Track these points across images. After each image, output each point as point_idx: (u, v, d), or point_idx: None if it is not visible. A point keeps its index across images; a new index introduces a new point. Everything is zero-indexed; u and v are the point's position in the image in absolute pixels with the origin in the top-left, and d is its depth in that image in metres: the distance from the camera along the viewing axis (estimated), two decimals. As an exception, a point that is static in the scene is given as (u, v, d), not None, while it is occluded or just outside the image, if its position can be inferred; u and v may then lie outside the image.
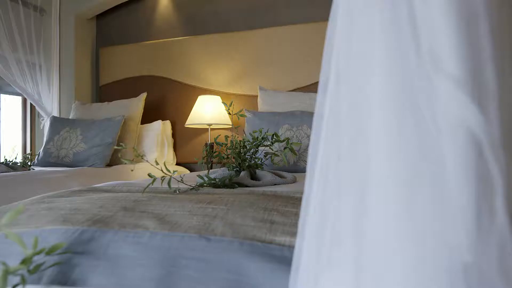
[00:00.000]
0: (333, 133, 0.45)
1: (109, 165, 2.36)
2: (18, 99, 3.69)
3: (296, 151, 1.40)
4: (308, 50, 2.59)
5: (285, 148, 1.38)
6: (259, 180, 1.31)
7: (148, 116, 2.87)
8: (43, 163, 2.33)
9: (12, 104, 3.67)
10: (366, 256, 0.39)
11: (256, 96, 2.57)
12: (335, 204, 0.43)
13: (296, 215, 0.69)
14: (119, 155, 2.36)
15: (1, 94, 3.50)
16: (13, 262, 0.61)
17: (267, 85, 2.62)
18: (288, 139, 1.39)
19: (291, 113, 2.02)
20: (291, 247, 0.57)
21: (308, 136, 1.89)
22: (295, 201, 0.80)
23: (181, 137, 2.91)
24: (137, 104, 2.66)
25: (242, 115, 1.42)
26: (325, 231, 0.44)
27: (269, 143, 1.38)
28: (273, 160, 1.42)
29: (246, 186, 1.21)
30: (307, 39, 2.60)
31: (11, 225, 0.72)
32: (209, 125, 2.57)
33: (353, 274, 0.40)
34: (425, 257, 0.36)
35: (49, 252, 0.57)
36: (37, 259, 0.60)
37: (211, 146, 2.58)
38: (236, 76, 2.78)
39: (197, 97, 2.68)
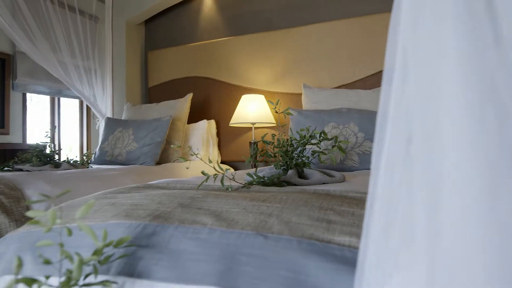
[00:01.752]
0: (400, 129, 0.43)
1: (158, 163, 2.46)
2: (76, 102, 3.97)
3: (343, 149, 1.36)
4: (352, 45, 2.52)
5: (333, 146, 1.36)
6: (307, 178, 1.29)
7: (194, 116, 2.96)
8: (99, 161, 2.48)
9: (70, 107, 3.96)
10: (442, 256, 0.37)
11: (300, 94, 2.55)
12: (405, 203, 0.41)
13: (353, 215, 0.67)
14: (177, 155, 2.45)
15: (61, 98, 3.78)
16: (84, 254, 0.65)
17: (311, 82, 2.59)
18: (336, 137, 1.36)
19: (337, 111, 1.98)
20: (351, 247, 0.55)
21: (355, 134, 1.83)
22: (350, 200, 0.78)
23: (225, 136, 2.96)
24: (183, 105, 2.75)
25: (288, 113, 1.41)
26: (393, 231, 0.43)
27: (316, 141, 1.36)
28: (320, 158, 1.39)
29: (294, 184, 1.21)
30: (350, 34, 2.53)
31: (81, 218, 0.77)
32: (253, 124, 2.59)
33: (426, 275, 0.38)
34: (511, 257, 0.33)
35: (117, 244, 0.61)
36: (106, 251, 0.64)
37: (256, 144, 2.60)
38: (279, 75, 2.78)
39: (240, 96, 2.71)
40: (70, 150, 3.89)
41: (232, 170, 2.76)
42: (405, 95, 0.43)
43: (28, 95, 3.44)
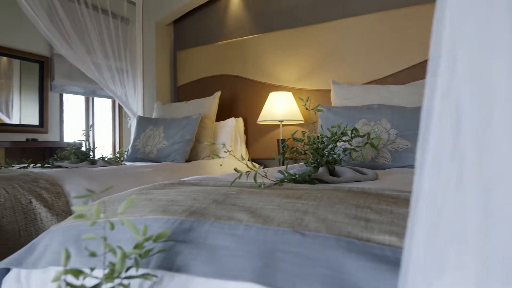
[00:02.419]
0: (448, 124, 0.41)
1: (188, 160, 2.51)
2: (109, 102, 4.12)
3: (376, 146, 1.33)
4: (382, 40, 2.45)
5: (365, 143, 1.33)
6: (338, 176, 1.27)
7: (222, 114, 2.98)
8: (132, 158, 2.56)
9: (103, 106, 4.11)
10: (495, 256, 0.35)
11: (329, 91, 2.51)
12: (454, 201, 0.39)
13: (392, 213, 0.65)
14: (206, 152, 2.49)
15: (95, 98, 3.94)
16: (124, 247, 0.68)
17: (340, 79, 2.55)
18: (368, 133, 1.33)
19: (367, 107, 1.93)
20: (391, 247, 0.54)
21: (388, 131, 1.78)
22: (387, 198, 0.76)
23: (253, 133, 2.97)
24: (212, 103, 2.78)
25: (319, 110, 1.39)
26: (440, 230, 0.41)
27: (348, 138, 1.34)
28: (352, 156, 1.37)
29: (326, 182, 1.19)
30: (379, 29, 2.46)
31: (121, 213, 0.80)
32: (281, 121, 2.58)
33: (479, 276, 0.36)
34: None
35: (156, 239, 0.62)
36: (145, 245, 0.65)
37: (284, 141, 2.59)
38: (307, 71, 2.75)
39: (268, 94, 2.71)
40: (103, 148, 4.05)
41: (261, 167, 2.76)
42: (452, 87, 0.41)
43: (65, 95, 3.60)
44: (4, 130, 3.05)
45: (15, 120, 3.17)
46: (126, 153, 2.63)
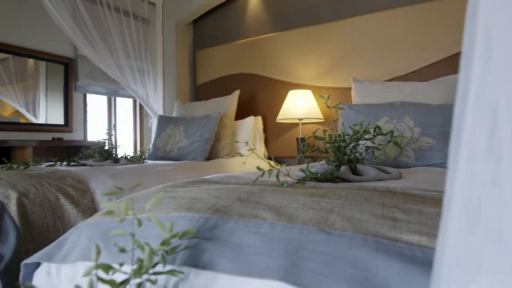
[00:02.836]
0: (483, 120, 0.40)
1: (207, 159, 2.53)
2: (130, 101, 4.20)
3: (400, 145, 1.30)
4: (404, 36, 2.39)
5: (389, 141, 1.30)
6: (360, 175, 1.25)
7: (241, 112, 2.99)
8: (153, 157, 2.61)
9: (125, 106, 4.21)
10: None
11: (349, 88, 2.48)
12: (490, 200, 0.38)
13: (420, 212, 0.64)
14: (225, 151, 2.50)
15: (117, 98, 4.03)
16: (151, 244, 0.69)
17: (361, 76, 2.51)
18: (392, 131, 1.30)
19: (390, 105, 1.89)
20: (421, 247, 0.53)
21: (411, 129, 1.74)
22: (414, 198, 0.74)
23: (272, 132, 2.97)
24: (231, 101, 2.79)
25: (340, 108, 1.38)
26: (475, 231, 0.40)
27: (371, 136, 1.32)
28: (374, 154, 1.35)
29: (348, 181, 1.18)
30: (401, 24, 2.40)
31: (148, 211, 0.82)
32: (300, 119, 2.57)
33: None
34: None
35: (182, 236, 0.63)
36: (171, 242, 0.66)
37: (303, 140, 2.57)
38: (327, 69, 2.72)
39: (287, 92, 2.70)
40: (124, 146, 4.14)
41: (276, 166, 2.76)
42: (488, 82, 0.40)
43: (88, 95, 3.70)
44: (31, 129, 3.17)
45: (41, 120, 3.28)
46: (147, 151, 2.68)
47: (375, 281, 0.50)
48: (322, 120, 2.62)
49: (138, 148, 4.12)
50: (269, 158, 2.96)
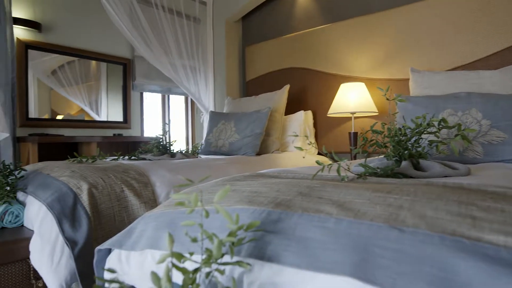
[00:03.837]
0: None
1: (258, 153, 2.55)
2: (181, 99, 4.37)
3: (468, 138, 1.21)
4: (467, 21, 2.21)
5: (455, 135, 1.21)
6: (424, 171, 1.18)
7: (291, 107, 2.97)
8: (205, 151, 2.69)
9: (177, 103, 4.38)
10: None
11: (406, 80, 2.35)
12: None
13: (503, 211, 0.58)
14: (275, 146, 2.51)
15: (170, 95, 4.21)
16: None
17: (419, 66, 2.36)
18: (459, 124, 1.21)
19: (454, 96, 1.76)
20: (508, 248, 0.48)
21: (479, 122, 1.61)
22: (493, 195, 0.68)
23: (322, 126, 2.91)
24: (281, 96, 2.78)
25: (400, 100, 1.31)
26: None
27: (435, 130, 1.24)
28: (438, 149, 1.26)
29: (410, 177, 1.12)
30: (464, 8, 2.22)
31: (212, 203, 0.84)
32: (353, 113, 2.49)
33: None
34: None
35: (247, 228, 0.64)
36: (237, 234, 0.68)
37: (356, 135, 2.50)
38: (381, 60, 2.60)
39: (338, 86, 2.63)
40: (176, 142, 4.32)
41: (327, 161, 2.70)
42: None
43: (144, 94, 3.91)
44: (95, 126, 3.42)
45: (103, 117, 3.52)
46: (200, 146, 2.77)
47: (456, 282, 0.47)
48: (376, 114, 2.52)
49: (190, 143, 4.28)
50: (325, 153, 2.91)
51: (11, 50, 2.63)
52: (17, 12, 2.83)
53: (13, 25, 2.71)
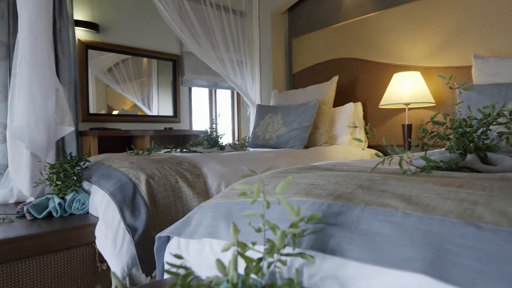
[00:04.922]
0: None
1: (306, 146, 2.52)
2: (228, 93, 4.43)
3: (545, 130, 1.09)
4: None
5: (531, 126, 1.10)
6: (493, 165, 1.09)
7: (340, 99, 2.90)
8: (253, 144, 2.72)
9: (223, 97, 4.46)
10: None
11: (467, 67, 2.18)
12: None
13: None
14: (323, 139, 2.47)
15: (217, 90, 4.29)
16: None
17: (483, 52, 2.18)
18: (536, 114, 1.10)
19: (525, 83, 1.60)
20: None
21: (556, 111, 1.45)
22: None
23: (373, 118, 2.81)
24: (329, 88, 2.72)
25: (466, 89, 1.21)
26: None
27: (507, 120, 1.13)
28: (510, 141, 1.16)
29: (477, 171, 1.04)
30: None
31: (271, 195, 0.85)
32: (407, 104, 2.36)
33: None
34: None
35: (309, 220, 0.63)
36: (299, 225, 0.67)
37: (413, 126, 2.38)
38: (438, 47, 2.44)
39: (391, 76, 2.51)
40: (223, 135, 4.41)
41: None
42: None
43: (192, 88, 4.03)
44: (147, 120, 3.59)
45: (154, 112, 3.69)
46: (248, 139, 2.80)
47: (549, 286, 0.42)
48: (433, 104, 2.37)
49: (236, 137, 4.34)
50: (369, 147, 2.81)
51: (73, 51, 2.83)
52: (77, 15, 3.04)
53: (75, 27, 2.91)
